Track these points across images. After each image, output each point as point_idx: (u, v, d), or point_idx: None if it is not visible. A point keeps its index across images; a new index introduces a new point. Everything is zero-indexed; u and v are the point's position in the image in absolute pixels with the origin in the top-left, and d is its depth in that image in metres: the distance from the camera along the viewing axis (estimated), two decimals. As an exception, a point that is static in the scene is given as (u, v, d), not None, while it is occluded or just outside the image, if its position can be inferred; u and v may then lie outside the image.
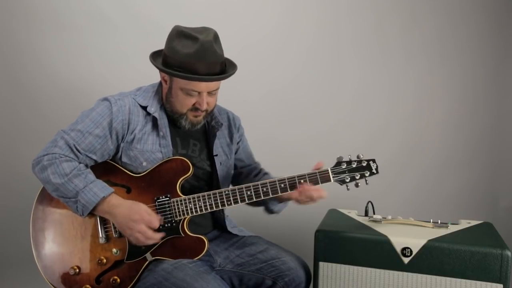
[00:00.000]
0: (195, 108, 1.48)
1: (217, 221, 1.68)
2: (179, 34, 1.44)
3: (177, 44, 1.43)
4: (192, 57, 1.40)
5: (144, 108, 1.50)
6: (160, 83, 1.58)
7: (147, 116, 1.50)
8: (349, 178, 1.48)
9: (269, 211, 1.68)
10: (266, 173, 1.76)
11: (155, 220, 1.40)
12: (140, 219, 1.38)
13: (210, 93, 1.48)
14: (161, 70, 1.48)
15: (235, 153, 1.73)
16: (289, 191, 1.46)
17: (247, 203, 1.50)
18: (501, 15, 2.50)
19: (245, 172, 1.76)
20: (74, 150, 1.41)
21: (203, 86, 1.44)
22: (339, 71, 2.58)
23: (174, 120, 1.53)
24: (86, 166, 1.44)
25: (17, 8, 2.40)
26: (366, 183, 1.49)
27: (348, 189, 1.49)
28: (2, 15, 2.40)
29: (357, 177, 1.49)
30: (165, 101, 1.53)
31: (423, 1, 2.52)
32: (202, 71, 1.40)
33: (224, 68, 1.49)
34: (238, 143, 1.74)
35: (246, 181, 1.72)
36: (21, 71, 2.45)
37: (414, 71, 2.56)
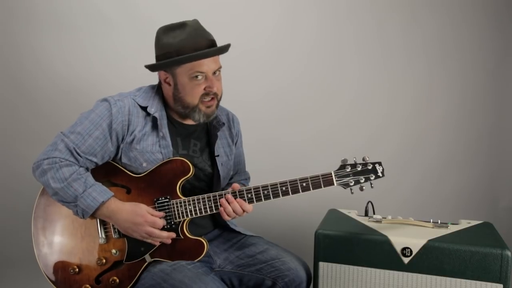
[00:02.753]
0: (206, 94, 1.47)
1: (218, 220, 1.68)
2: (164, 30, 1.47)
3: (167, 39, 1.45)
4: (188, 40, 1.42)
5: (144, 108, 1.49)
6: (159, 85, 1.57)
7: (147, 117, 1.49)
8: (353, 182, 1.43)
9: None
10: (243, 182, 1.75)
11: (159, 220, 1.40)
12: (144, 222, 1.38)
13: (215, 76, 1.48)
14: (163, 65, 1.47)
15: None
16: (291, 195, 1.43)
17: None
18: (502, 15, 2.49)
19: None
20: (74, 153, 1.40)
21: (208, 63, 1.44)
22: (339, 72, 2.58)
23: (187, 114, 1.51)
24: (87, 169, 1.44)
25: (17, 8, 2.40)
26: (371, 187, 1.45)
27: (352, 193, 1.46)
28: (1, 15, 2.40)
29: (362, 181, 1.44)
30: (173, 101, 1.51)
31: (423, 1, 2.51)
32: (202, 47, 1.43)
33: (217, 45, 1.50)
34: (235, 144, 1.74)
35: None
36: (20, 71, 2.45)
37: (414, 71, 2.56)
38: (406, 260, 1.52)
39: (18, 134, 2.46)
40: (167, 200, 1.45)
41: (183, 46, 1.42)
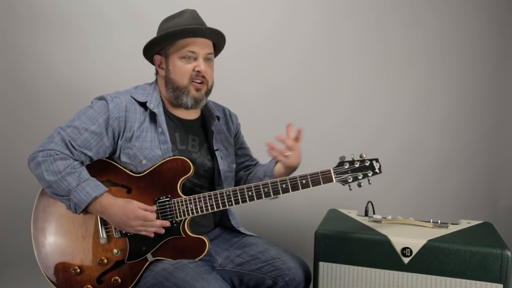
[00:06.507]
0: (195, 75, 1.51)
1: (221, 219, 1.69)
2: (165, 19, 1.58)
3: (166, 25, 1.54)
4: (182, 23, 1.51)
5: (143, 104, 1.51)
6: (156, 81, 1.60)
7: (144, 113, 1.51)
8: (351, 178, 1.45)
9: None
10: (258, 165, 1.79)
11: (149, 214, 1.40)
12: (135, 217, 1.39)
13: (206, 61, 1.53)
14: (155, 42, 1.53)
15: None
16: (290, 192, 1.44)
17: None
18: (502, 15, 2.50)
19: (242, 167, 1.77)
20: (70, 146, 1.41)
21: (199, 44, 1.51)
22: (339, 72, 2.58)
23: (176, 98, 1.54)
24: (82, 163, 1.44)
25: (18, 8, 2.40)
26: (369, 183, 1.47)
27: (350, 189, 1.47)
28: (4, 15, 2.40)
29: (360, 177, 1.46)
30: (166, 85, 1.55)
31: (423, 1, 2.52)
32: (195, 25, 1.51)
33: None
34: (235, 137, 1.75)
35: (243, 177, 1.75)
36: (21, 71, 2.45)
37: (414, 71, 2.57)
38: (406, 260, 1.52)
39: (18, 134, 2.46)
40: (168, 199, 1.45)
41: (177, 27, 1.49)
